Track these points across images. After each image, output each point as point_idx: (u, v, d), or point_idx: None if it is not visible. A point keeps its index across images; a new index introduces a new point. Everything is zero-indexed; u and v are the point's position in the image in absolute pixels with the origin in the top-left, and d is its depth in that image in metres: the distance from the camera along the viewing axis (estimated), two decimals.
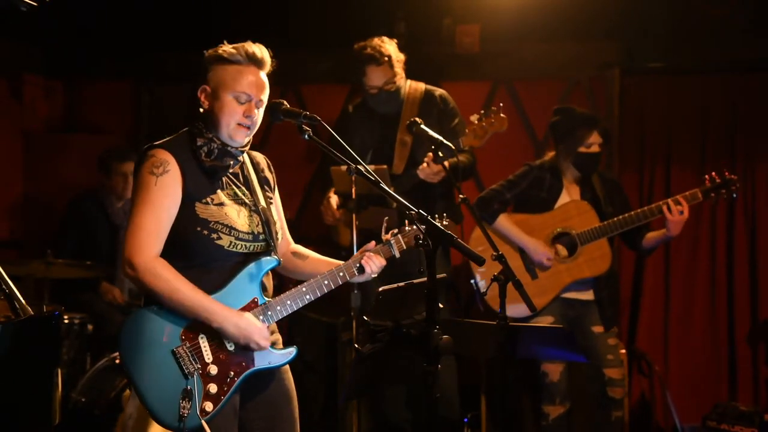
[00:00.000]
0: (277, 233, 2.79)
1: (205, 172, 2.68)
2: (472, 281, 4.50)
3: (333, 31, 5.42)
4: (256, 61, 2.69)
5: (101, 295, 5.06)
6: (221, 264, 2.68)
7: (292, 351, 2.79)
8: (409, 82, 4.58)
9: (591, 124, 4.41)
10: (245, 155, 2.81)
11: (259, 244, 2.73)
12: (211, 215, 2.65)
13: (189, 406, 2.58)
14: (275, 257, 2.76)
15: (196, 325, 2.64)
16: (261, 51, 2.71)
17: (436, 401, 2.56)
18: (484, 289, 4.30)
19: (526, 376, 4.64)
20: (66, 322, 4.47)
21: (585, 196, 4.48)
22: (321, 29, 5.55)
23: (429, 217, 2.60)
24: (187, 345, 2.63)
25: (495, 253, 3.16)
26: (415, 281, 3.16)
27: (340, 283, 2.81)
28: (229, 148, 2.70)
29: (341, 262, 2.85)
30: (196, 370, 2.63)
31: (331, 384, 4.98)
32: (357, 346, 3.29)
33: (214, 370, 2.65)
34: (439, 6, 5.49)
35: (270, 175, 2.91)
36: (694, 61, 5.39)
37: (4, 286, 2.84)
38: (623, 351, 4.59)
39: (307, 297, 2.76)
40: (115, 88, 6.14)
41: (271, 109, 2.74)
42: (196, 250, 2.64)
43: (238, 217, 2.70)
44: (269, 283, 2.80)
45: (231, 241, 2.67)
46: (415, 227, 2.78)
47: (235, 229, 2.67)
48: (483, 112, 4.30)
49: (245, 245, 2.70)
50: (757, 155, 5.29)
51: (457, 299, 4.97)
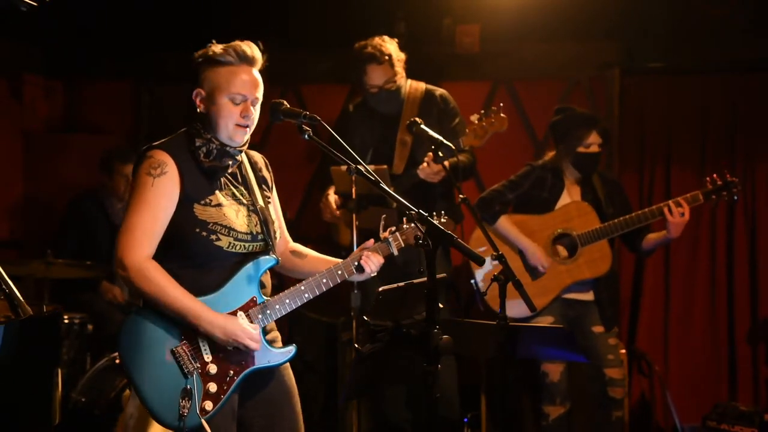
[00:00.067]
0: (275, 232, 2.79)
1: (204, 173, 2.68)
2: (472, 281, 4.50)
3: (333, 31, 5.42)
4: (247, 60, 2.68)
5: (101, 294, 5.05)
6: (220, 264, 2.68)
7: (291, 350, 2.79)
8: (409, 81, 4.58)
9: (590, 124, 4.40)
10: (243, 155, 2.80)
11: (257, 243, 2.73)
12: (210, 216, 2.65)
13: (189, 406, 2.58)
14: (274, 256, 2.76)
15: None
16: (251, 49, 2.69)
17: (436, 401, 2.56)
18: (484, 289, 4.30)
19: (526, 376, 4.63)
20: (66, 322, 4.47)
21: (586, 197, 4.47)
22: (321, 29, 5.55)
23: (429, 217, 2.60)
24: (187, 344, 2.63)
25: (495, 253, 3.17)
26: (415, 281, 3.16)
27: (339, 281, 2.81)
28: (227, 149, 2.69)
29: (340, 261, 2.85)
30: (196, 369, 2.63)
31: (331, 384, 4.97)
32: (357, 346, 3.29)
33: (213, 369, 2.65)
34: (439, 6, 5.49)
35: (268, 175, 2.90)
36: (694, 61, 5.39)
37: (4, 286, 2.83)
38: (623, 351, 4.59)
39: (306, 296, 2.77)
40: (115, 88, 6.14)
41: (271, 109, 2.73)
42: (195, 251, 2.64)
43: (237, 217, 2.70)
44: (268, 282, 2.80)
45: (230, 242, 2.67)
46: (413, 225, 2.79)
47: (233, 229, 2.67)
48: (483, 112, 4.30)
49: (244, 245, 2.70)
50: (757, 155, 5.29)
51: (457, 299, 4.97)
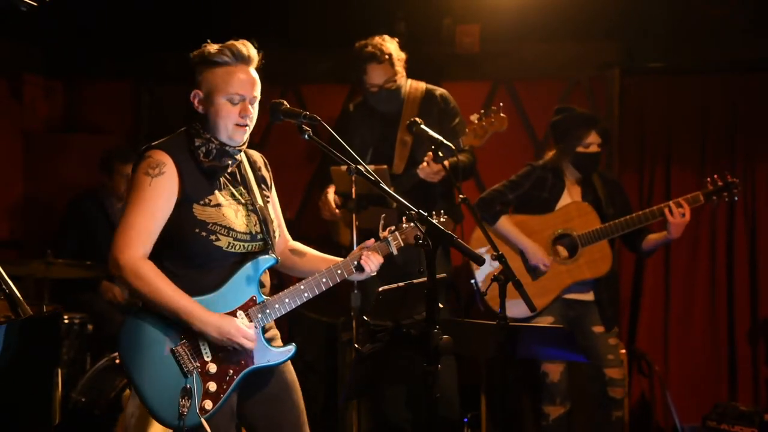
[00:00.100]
0: (274, 232, 2.79)
1: (203, 173, 2.68)
2: (472, 281, 4.50)
3: (333, 31, 5.42)
4: (243, 59, 2.68)
5: (101, 293, 5.05)
6: (219, 264, 2.68)
7: (290, 349, 2.80)
8: (409, 81, 4.58)
9: (589, 123, 4.40)
10: (242, 154, 2.80)
11: (257, 243, 2.74)
12: (209, 217, 2.65)
13: (188, 405, 2.58)
14: (273, 256, 2.76)
15: None
16: (247, 48, 2.69)
17: (436, 401, 2.56)
18: (484, 289, 4.30)
19: (526, 376, 4.63)
20: (66, 322, 4.47)
21: (586, 197, 4.47)
22: (321, 29, 5.55)
23: (429, 217, 2.60)
24: (187, 344, 2.63)
25: (495, 253, 3.16)
26: (415, 281, 3.16)
27: (339, 280, 2.81)
28: (227, 148, 2.69)
29: (340, 259, 2.85)
30: (195, 368, 2.63)
31: (331, 384, 4.97)
32: (357, 346, 3.29)
33: (213, 368, 2.65)
34: (439, 6, 5.49)
35: (267, 174, 2.90)
36: (694, 61, 5.39)
37: (4, 286, 2.84)
38: (623, 351, 4.59)
39: (306, 295, 2.77)
40: (115, 88, 6.14)
41: (271, 109, 2.73)
42: (194, 250, 2.64)
43: (236, 217, 2.70)
44: (267, 281, 2.81)
45: (229, 242, 2.67)
46: (412, 225, 2.79)
47: (233, 229, 2.67)
48: (483, 111, 4.30)
49: (243, 245, 2.70)
50: (757, 155, 5.28)
51: (457, 299, 4.97)
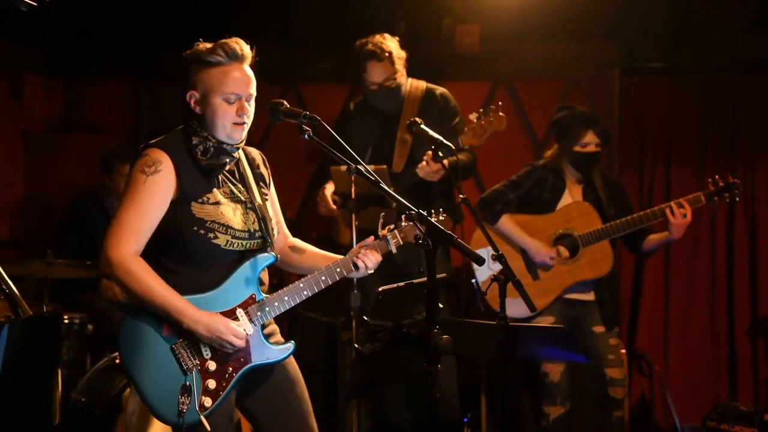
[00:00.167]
0: (273, 229, 2.79)
1: (201, 171, 2.68)
2: (472, 281, 4.50)
3: (333, 31, 5.42)
4: (237, 57, 2.67)
5: (101, 292, 5.04)
6: (218, 262, 2.68)
7: (290, 346, 2.81)
8: (410, 80, 4.58)
9: (588, 123, 4.39)
10: (240, 152, 2.80)
11: (255, 241, 2.74)
12: (207, 215, 2.65)
13: (188, 402, 2.59)
14: (272, 254, 2.76)
15: None
16: (240, 45, 2.68)
17: (436, 401, 2.56)
18: (484, 289, 4.30)
19: (526, 376, 4.63)
20: (66, 322, 4.47)
21: (587, 197, 4.47)
22: (321, 29, 5.55)
23: (428, 217, 2.60)
24: (186, 342, 2.63)
25: (495, 253, 3.16)
26: (415, 281, 3.16)
27: (338, 278, 2.81)
28: (224, 146, 2.70)
29: (339, 257, 2.85)
30: (195, 366, 2.63)
31: (331, 384, 4.97)
32: (357, 346, 3.28)
33: (212, 366, 2.65)
34: (439, 6, 5.49)
35: (265, 171, 2.90)
36: (694, 61, 5.39)
37: (4, 286, 2.84)
38: (624, 351, 4.59)
39: (305, 293, 2.77)
40: (115, 88, 6.14)
41: (271, 109, 2.73)
42: (193, 249, 2.64)
43: (234, 215, 2.70)
44: (266, 279, 2.81)
45: (227, 240, 2.67)
46: (411, 223, 2.79)
47: (231, 227, 2.67)
48: (482, 110, 4.30)
49: (242, 243, 2.70)
50: (757, 155, 5.28)
51: (457, 299, 4.97)
